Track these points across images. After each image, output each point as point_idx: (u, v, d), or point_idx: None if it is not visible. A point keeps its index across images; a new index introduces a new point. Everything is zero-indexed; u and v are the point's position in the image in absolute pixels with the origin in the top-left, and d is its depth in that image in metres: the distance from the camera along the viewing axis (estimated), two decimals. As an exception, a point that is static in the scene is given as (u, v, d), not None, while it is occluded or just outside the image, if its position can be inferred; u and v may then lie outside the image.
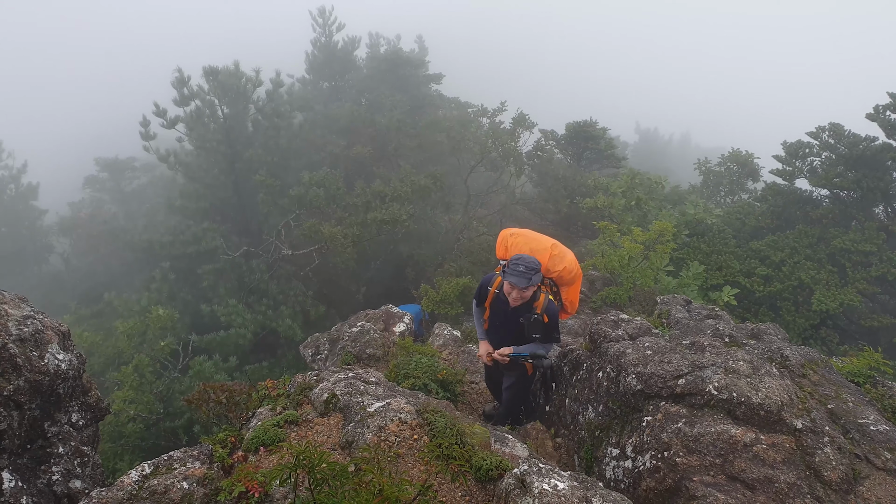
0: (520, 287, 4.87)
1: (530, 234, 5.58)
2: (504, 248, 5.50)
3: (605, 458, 4.91)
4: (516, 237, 5.48)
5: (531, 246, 5.34)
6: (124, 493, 3.72)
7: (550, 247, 5.38)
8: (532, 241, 5.44)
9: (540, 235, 5.60)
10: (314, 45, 32.35)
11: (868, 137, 16.87)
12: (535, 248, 5.32)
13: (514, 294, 4.97)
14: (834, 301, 13.89)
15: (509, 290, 4.99)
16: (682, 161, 42.73)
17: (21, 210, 27.14)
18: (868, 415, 4.68)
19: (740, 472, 3.99)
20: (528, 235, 5.53)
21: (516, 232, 5.56)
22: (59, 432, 4.60)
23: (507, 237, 5.54)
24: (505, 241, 5.52)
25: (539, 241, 5.46)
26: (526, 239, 5.46)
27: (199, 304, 18.27)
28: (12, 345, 4.23)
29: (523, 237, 5.48)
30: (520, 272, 4.88)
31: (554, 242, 5.50)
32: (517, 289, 4.92)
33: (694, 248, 16.12)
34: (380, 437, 4.22)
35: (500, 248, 5.56)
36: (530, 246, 5.34)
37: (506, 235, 5.57)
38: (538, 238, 5.51)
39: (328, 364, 8.35)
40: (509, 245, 5.45)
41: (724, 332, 5.97)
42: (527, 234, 5.56)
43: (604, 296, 10.77)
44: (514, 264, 4.96)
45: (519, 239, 5.45)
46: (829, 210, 16.95)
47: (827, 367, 5.43)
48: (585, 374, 5.67)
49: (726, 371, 4.59)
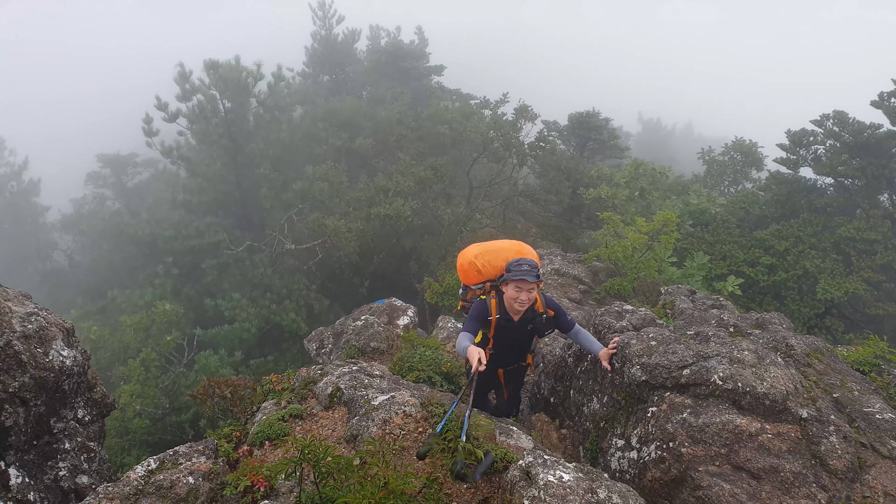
0: (529, 281, 4.69)
1: (492, 244, 5.31)
2: (475, 271, 5.14)
3: (610, 449, 4.91)
4: (485, 255, 5.15)
5: (504, 255, 5.07)
6: (130, 487, 3.73)
7: (521, 246, 5.20)
8: (502, 248, 5.19)
9: (501, 241, 5.37)
10: (314, 39, 32.26)
11: (873, 125, 16.76)
12: (511, 255, 5.06)
13: (522, 297, 4.76)
14: (839, 290, 13.85)
15: (515, 295, 4.76)
16: (685, 151, 42.58)
17: (23, 207, 27.19)
18: (874, 403, 4.67)
19: (746, 462, 3.99)
20: (493, 247, 5.25)
21: (479, 251, 5.21)
22: (65, 428, 4.61)
23: (473, 261, 5.14)
24: (473, 265, 5.14)
25: (508, 245, 5.23)
26: (495, 250, 5.19)
27: (204, 299, 18.32)
28: (17, 342, 4.24)
29: (491, 251, 5.18)
30: (526, 270, 4.71)
31: (519, 242, 5.33)
32: (526, 288, 4.74)
33: (698, 238, 16.08)
34: (384, 430, 4.23)
35: (471, 274, 5.18)
36: (504, 255, 5.07)
37: (470, 259, 5.17)
38: (504, 244, 5.27)
39: (333, 358, 8.36)
40: (481, 265, 5.11)
41: (729, 322, 5.95)
42: (490, 246, 5.28)
43: (608, 287, 10.75)
44: (515, 266, 4.77)
45: (489, 255, 5.14)
46: (833, 198, 16.88)
47: (832, 356, 5.41)
48: (590, 366, 5.67)
49: (731, 361, 4.58)
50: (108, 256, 22.61)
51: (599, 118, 26.82)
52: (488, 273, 5.10)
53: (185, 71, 21.26)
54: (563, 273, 11.14)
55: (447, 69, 34.19)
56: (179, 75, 21.26)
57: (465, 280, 5.30)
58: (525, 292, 4.75)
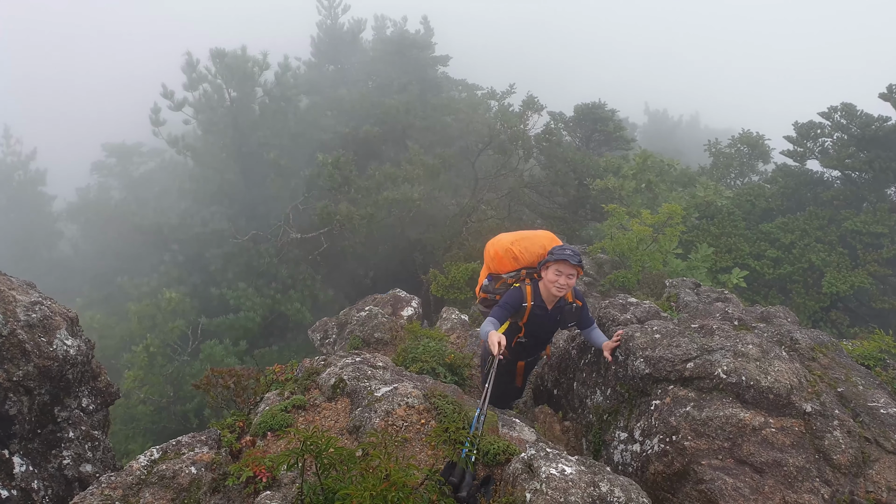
0: (572, 263, 4.67)
1: (526, 233, 5.29)
2: (511, 258, 5.06)
3: (613, 442, 4.90)
4: (522, 241, 5.10)
5: (541, 241, 5.08)
6: (133, 477, 3.75)
7: (554, 236, 5.20)
8: (537, 236, 5.18)
9: (532, 230, 5.36)
10: (320, 28, 32.11)
11: (881, 117, 16.64)
12: (546, 241, 5.08)
13: (561, 281, 4.72)
14: (844, 283, 13.79)
15: (555, 279, 4.72)
16: (692, 143, 42.27)
17: (30, 196, 27.24)
18: (878, 398, 4.65)
19: (749, 456, 3.98)
20: (529, 235, 5.22)
21: (515, 238, 5.16)
22: (69, 417, 4.63)
23: (509, 248, 5.07)
24: (509, 252, 5.06)
25: (542, 234, 5.23)
26: (531, 237, 5.17)
27: (209, 288, 18.38)
28: (21, 331, 4.25)
29: (528, 238, 5.14)
30: (570, 254, 4.70)
31: (550, 232, 5.33)
32: (567, 272, 4.71)
33: (703, 231, 16.01)
34: (387, 421, 4.23)
35: (507, 261, 5.09)
36: (541, 241, 5.08)
37: (507, 246, 5.09)
38: (538, 233, 5.27)
39: (336, 348, 8.38)
40: (519, 251, 5.04)
41: (734, 316, 5.92)
42: (524, 234, 5.24)
43: (612, 279, 10.73)
44: (559, 250, 4.76)
45: (525, 242, 5.09)
46: (840, 191, 16.77)
47: (837, 350, 5.39)
48: (593, 358, 5.66)
49: (735, 354, 4.56)
50: (114, 245, 22.67)
51: (605, 109, 26.68)
52: (525, 260, 5.05)
53: (192, 59, 21.23)
54: (568, 265, 11.11)
55: (453, 59, 33.98)
56: (187, 64, 21.23)
57: (498, 268, 5.18)
58: (565, 276, 4.74)
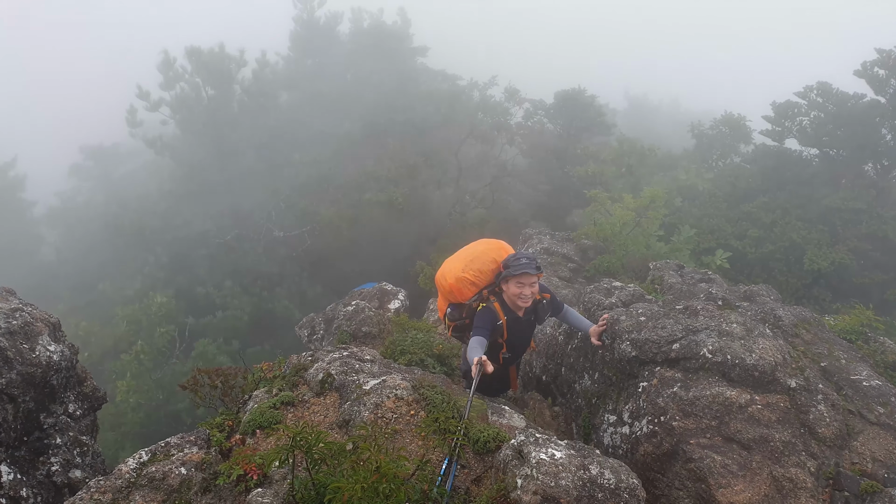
0: (531, 274, 4.52)
1: (468, 252, 4.97)
2: (468, 285, 4.79)
3: (602, 425, 4.95)
4: (471, 264, 4.84)
5: (490, 256, 4.84)
6: (122, 481, 3.72)
7: (500, 244, 4.98)
8: (483, 251, 4.91)
9: (473, 246, 5.04)
10: (296, 23, 31.81)
11: (856, 95, 16.79)
12: (495, 253, 4.86)
13: (525, 292, 4.56)
14: (825, 260, 13.93)
15: (518, 291, 4.56)
16: (674, 126, 42.36)
17: (9, 202, 26.87)
18: (861, 371, 4.72)
19: (736, 433, 4.03)
20: (474, 253, 4.92)
21: (462, 265, 4.86)
22: (56, 423, 4.59)
23: (462, 276, 4.78)
24: (464, 280, 4.77)
25: (487, 246, 4.98)
26: (478, 255, 4.89)
27: (195, 288, 18.24)
28: (1, 338, 4.20)
29: (476, 258, 4.87)
30: (525, 263, 4.53)
31: (492, 239, 5.11)
32: (529, 282, 4.56)
33: (685, 213, 16.10)
34: (376, 414, 4.23)
35: (465, 290, 4.81)
36: (490, 256, 4.85)
37: (458, 276, 4.80)
38: (480, 247, 4.98)
39: (325, 344, 8.36)
40: (474, 276, 4.79)
41: (718, 296, 5.98)
42: (469, 254, 4.94)
43: (596, 264, 10.75)
44: (514, 261, 4.59)
45: (476, 263, 4.84)
46: (819, 169, 16.91)
47: (819, 325, 5.46)
48: (580, 343, 5.69)
49: (720, 334, 4.61)
50: (96, 249, 22.42)
51: (585, 95, 26.68)
52: (483, 281, 4.82)
53: (168, 58, 20.99)
54: (553, 252, 11.14)
55: (431, 50, 33.85)
56: (163, 62, 20.99)
57: (458, 298, 4.88)
58: (528, 287, 4.58)
